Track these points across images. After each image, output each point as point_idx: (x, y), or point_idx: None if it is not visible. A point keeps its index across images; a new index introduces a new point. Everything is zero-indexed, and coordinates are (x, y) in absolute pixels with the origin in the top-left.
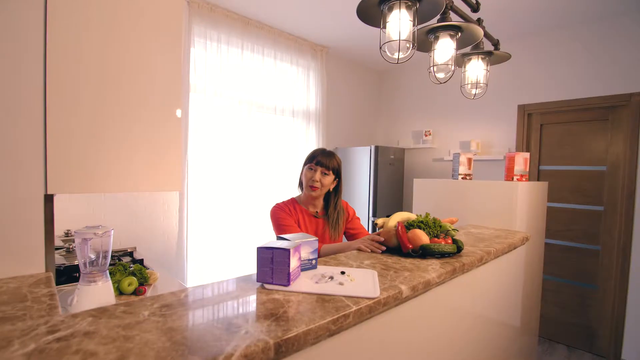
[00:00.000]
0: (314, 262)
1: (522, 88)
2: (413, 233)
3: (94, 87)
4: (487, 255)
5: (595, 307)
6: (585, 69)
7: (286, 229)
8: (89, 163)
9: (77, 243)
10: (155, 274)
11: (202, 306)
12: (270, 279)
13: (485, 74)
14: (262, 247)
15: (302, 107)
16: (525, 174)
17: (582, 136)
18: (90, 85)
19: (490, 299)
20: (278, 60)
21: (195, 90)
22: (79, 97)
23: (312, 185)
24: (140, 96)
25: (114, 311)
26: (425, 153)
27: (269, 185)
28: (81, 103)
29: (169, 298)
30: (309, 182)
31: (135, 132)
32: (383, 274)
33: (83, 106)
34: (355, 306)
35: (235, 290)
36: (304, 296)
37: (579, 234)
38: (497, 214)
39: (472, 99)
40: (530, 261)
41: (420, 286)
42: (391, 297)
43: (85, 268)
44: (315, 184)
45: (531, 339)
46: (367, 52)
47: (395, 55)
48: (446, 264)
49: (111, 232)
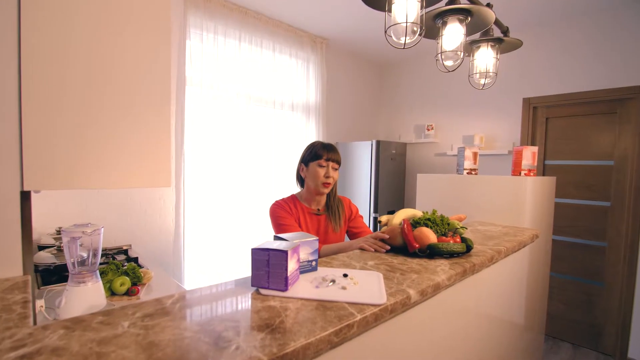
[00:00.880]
0: (314, 264)
1: (528, 81)
2: (420, 231)
3: (77, 77)
4: (498, 254)
5: (601, 304)
6: (592, 61)
7: (286, 229)
8: (71, 157)
9: (65, 242)
10: (149, 273)
11: (188, 315)
12: (265, 284)
13: (495, 62)
14: (257, 248)
15: (302, 101)
16: (534, 168)
17: (588, 130)
18: (72, 75)
19: (497, 298)
20: (277, 53)
21: (191, 84)
22: (59, 87)
23: (327, 183)
24: (128, 87)
25: (91, 322)
26: (428, 148)
27: (268, 180)
28: (62, 93)
29: (153, 306)
30: (323, 180)
31: (122, 126)
32: (389, 276)
33: (64, 96)
34: (359, 314)
35: (227, 296)
36: (303, 303)
37: (584, 230)
38: (504, 210)
39: (481, 89)
40: (537, 259)
41: (430, 290)
42: (399, 303)
43: (74, 268)
44: (329, 181)
45: (537, 337)
46: (368, 44)
47: (401, 40)
48: (456, 265)
49: (101, 230)
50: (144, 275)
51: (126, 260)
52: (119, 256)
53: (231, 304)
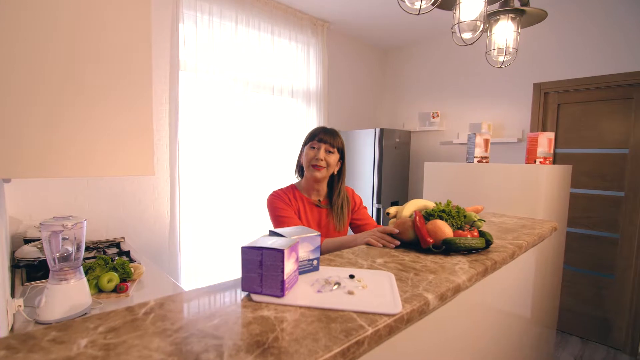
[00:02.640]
0: (316, 263)
1: (539, 65)
2: (434, 224)
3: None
4: (519, 249)
5: (612, 297)
6: (607, 43)
7: (284, 221)
8: (44, 142)
9: (45, 236)
10: (140, 268)
11: (162, 330)
12: (258, 288)
13: (516, 37)
14: (248, 246)
15: (302, 87)
16: (549, 156)
17: (602, 116)
18: (42, 51)
19: (512, 293)
20: (275, 36)
21: (185, 68)
22: (27, 65)
23: (317, 165)
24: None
25: (41, 339)
26: (433, 136)
27: (268, 170)
28: (30, 71)
29: (122, 317)
30: (312, 161)
31: (99, 108)
32: (401, 276)
33: (33, 75)
34: (371, 327)
35: (211, 304)
36: (303, 312)
37: (596, 221)
38: (517, 200)
39: (499, 67)
40: (551, 251)
41: (450, 293)
42: (416, 311)
43: (54, 264)
44: (320, 163)
45: (549, 331)
46: (371, 28)
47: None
48: (476, 263)
49: (84, 223)
50: (134, 271)
51: (117, 254)
52: (110, 249)
53: (215, 314)
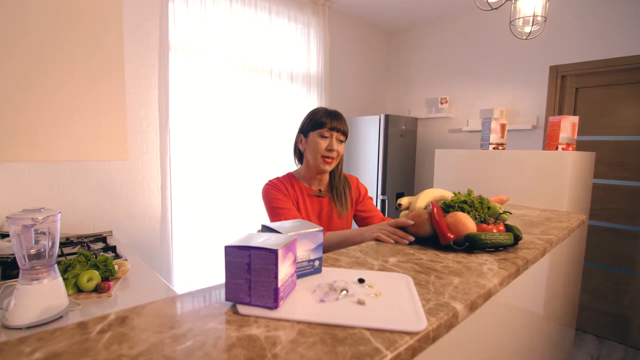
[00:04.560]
0: (318, 264)
1: (555, 46)
2: (454, 218)
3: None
4: (549, 245)
5: (632, 294)
6: (631, 21)
7: (281, 213)
8: (10, 127)
9: (13, 232)
10: (125, 265)
11: (116, 358)
12: (246, 298)
13: (545, 3)
14: (233, 245)
15: (302, 71)
16: (573, 142)
17: (624, 101)
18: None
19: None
20: (273, 15)
21: (175, 50)
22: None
23: (329, 157)
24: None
25: None
26: (441, 123)
27: (266, 158)
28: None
29: (69, 337)
30: (324, 153)
31: (69, 91)
32: (420, 280)
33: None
34: (390, 352)
35: (187, 319)
36: (302, 329)
37: (616, 213)
38: (537, 190)
39: (525, 39)
40: (574, 246)
41: (480, 301)
42: (443, 325)
43: (25, 263)
44: (332, 154)
45: (568, 330)
46: (376, 8)
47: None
48: (505, 262)
49: (57, 215)
50: (118, 268)
51: (103, 250)
52: (96, 244)
53: (190, 332)
